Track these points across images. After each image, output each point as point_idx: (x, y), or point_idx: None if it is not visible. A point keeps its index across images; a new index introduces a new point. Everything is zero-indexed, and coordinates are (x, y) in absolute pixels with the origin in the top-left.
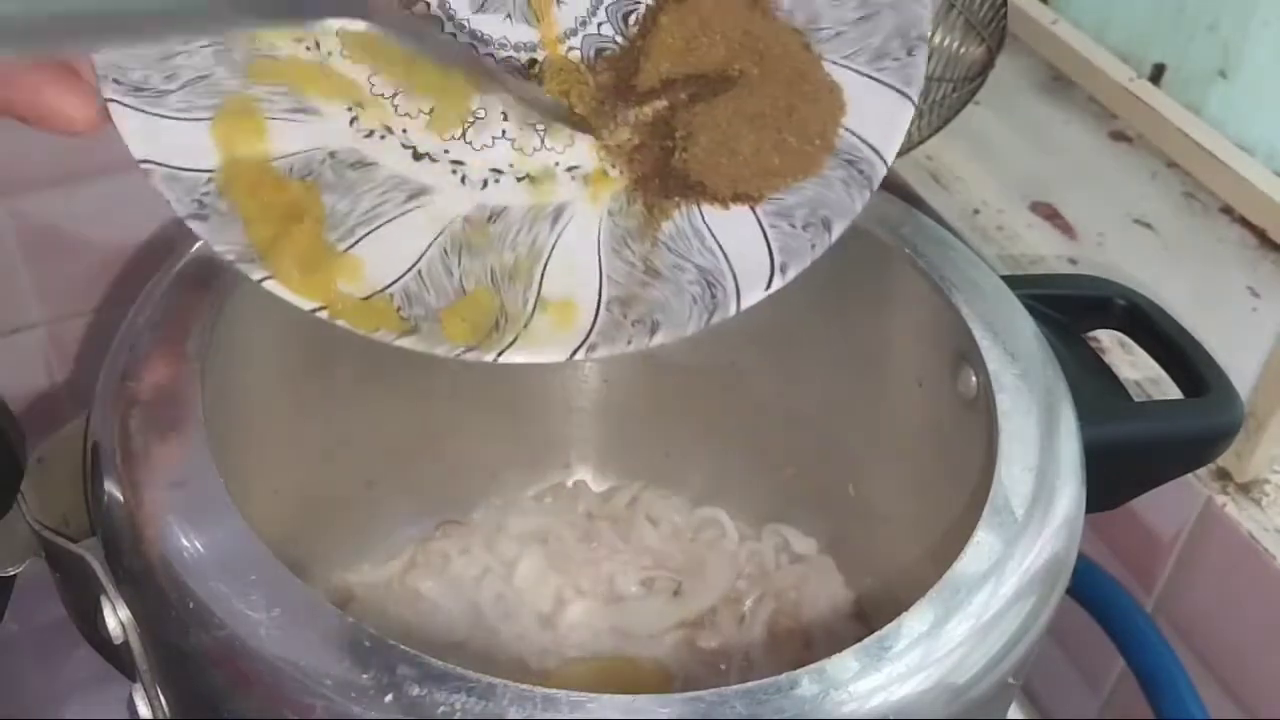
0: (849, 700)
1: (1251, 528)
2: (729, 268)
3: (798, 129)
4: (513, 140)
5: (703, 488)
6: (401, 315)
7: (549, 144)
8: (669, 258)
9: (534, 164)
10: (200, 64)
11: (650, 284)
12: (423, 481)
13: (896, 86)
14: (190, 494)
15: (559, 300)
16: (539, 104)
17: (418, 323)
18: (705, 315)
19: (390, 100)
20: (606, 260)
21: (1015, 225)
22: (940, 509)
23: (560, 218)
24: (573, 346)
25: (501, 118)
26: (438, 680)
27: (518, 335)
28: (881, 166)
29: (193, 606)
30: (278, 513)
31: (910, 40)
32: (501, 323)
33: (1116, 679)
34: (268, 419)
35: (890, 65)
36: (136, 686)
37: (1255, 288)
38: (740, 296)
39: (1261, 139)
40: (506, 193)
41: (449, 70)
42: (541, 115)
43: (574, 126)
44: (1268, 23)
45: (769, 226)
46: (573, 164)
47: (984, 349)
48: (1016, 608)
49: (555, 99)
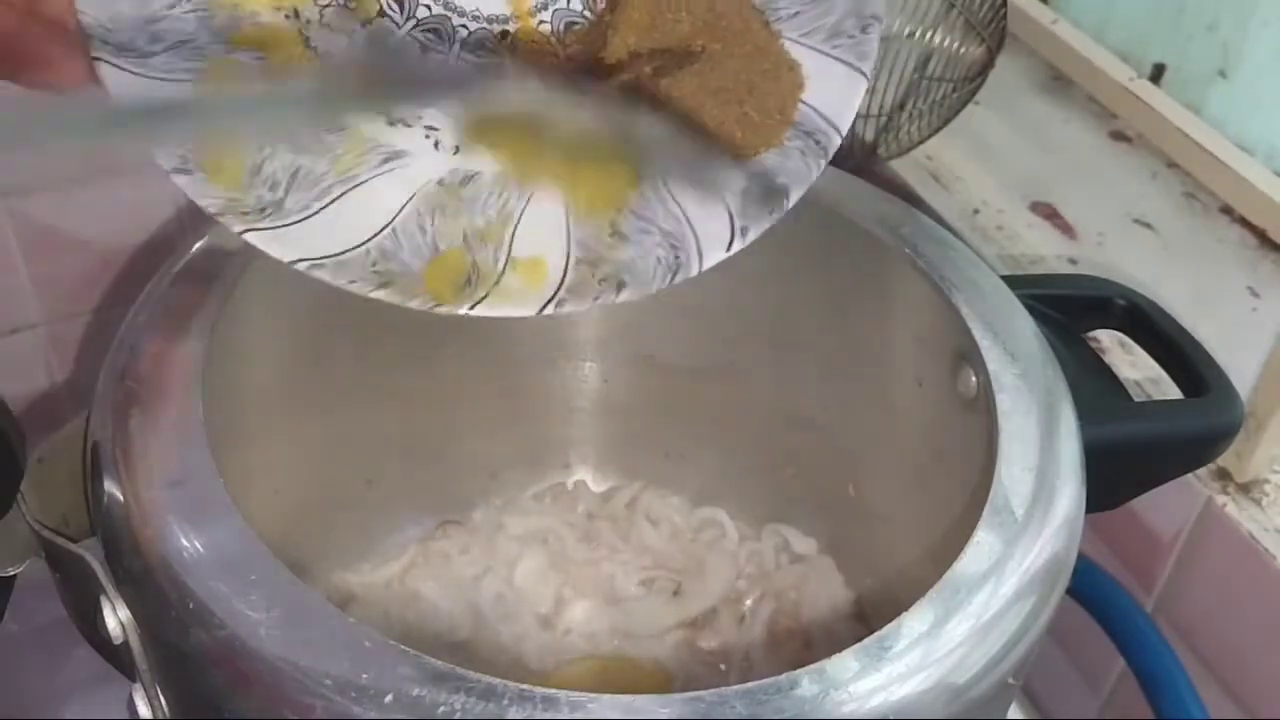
0: (849, 700)
1: (1251, 528)
2: (691, 231)
3: (759, 104)
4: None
5: (703, 488)
6: (375, 269)
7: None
8: (634, 222)
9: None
10: (183, 29)
11: (616, 246)
12: (423, 481)
13: (850, 62)
14: (190, 494)
15: (528, 259)
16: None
17: (392, 277)
18: (669, 275)
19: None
20: (573, 225)
21: (1015, 225)
22: (940, 509)
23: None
24: (542, 301)
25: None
26: (438, 680)
27: (489, 291)
28: (836, 137)
29: (193, 606)
30: (278, 513)
31: (864, 19)
32: (473, 279)
33: (1116, 679)
34: (268, 419)
35: (844, 42)
36: (136, 686)
37: (1255, 288)
38: (703, 257)
39: (1261, 139)
40: (478, 159)
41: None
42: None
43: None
44: (1268, 23)
45: (729, 193)
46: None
47: (984, 349)
48: (1016, 608)
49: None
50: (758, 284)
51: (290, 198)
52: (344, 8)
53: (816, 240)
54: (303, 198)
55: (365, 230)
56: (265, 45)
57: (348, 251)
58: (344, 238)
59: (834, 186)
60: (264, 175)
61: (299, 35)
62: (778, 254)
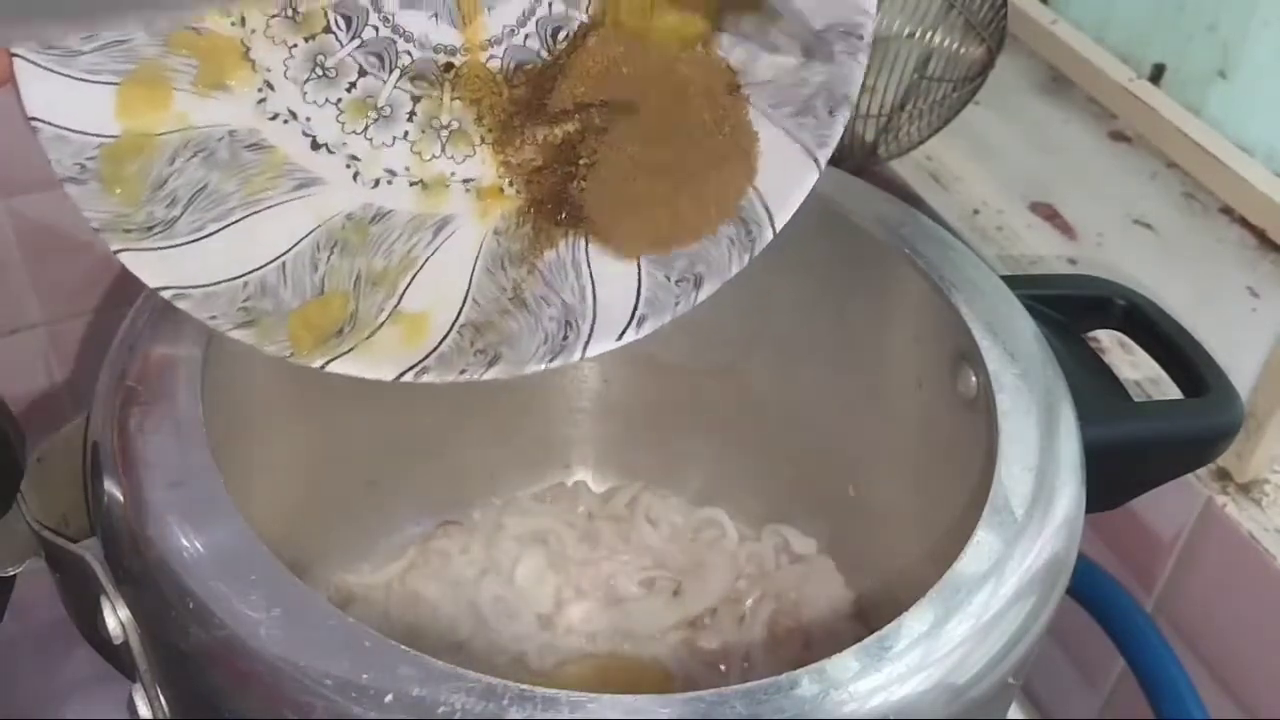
0: (849, 700)
1: (1251, 528)
2: (592, 310)
3: (694, 194)
4: (413, 143)
5: (702, 488)
6: (245, 305)
7: (449, 152)
8: (539, 288)
9: (429, 171)
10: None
11: (511, 313)
12: (423, 481)
13: (808, 146)
14: (190, 494)
15: (415, 313)
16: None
17: (259, 316)
18: (549, 357)
19: (302, 85)
20: (478, 280)
21: (1015, 225)
22: (940, 509)
23: (443, 230)
24: (404, 367)
25: (406, 118)
26: (438, 680)
27: (355, 344)
28: (769, 233)
29: (193, 606)
30: (278, 513)
31: (836, 99)
32: (345, 330)
33: (1116, 679)
34: (268, 419)
35: (809, 122)
36: (136, 686)
37: (1255, 288)
38: (589, 344)
39: (1261, 139)
40: (396, 195)
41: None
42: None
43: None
44: (1268, 23)
45: (645, 274)
46: (469, 176)
47: (984, 349)
48: (1016, 608)
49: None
50: (758, 284)
51: (186, 217)
52: (289, 19)
53: (816, 240)
54: (199, 218)
55: (252, 260)
56: (201, 53)
57: (222, 283)
58: (226, 267)
59: (834, 186)
60: (166, 190)
61: (240, 46)
62: (778, 254)
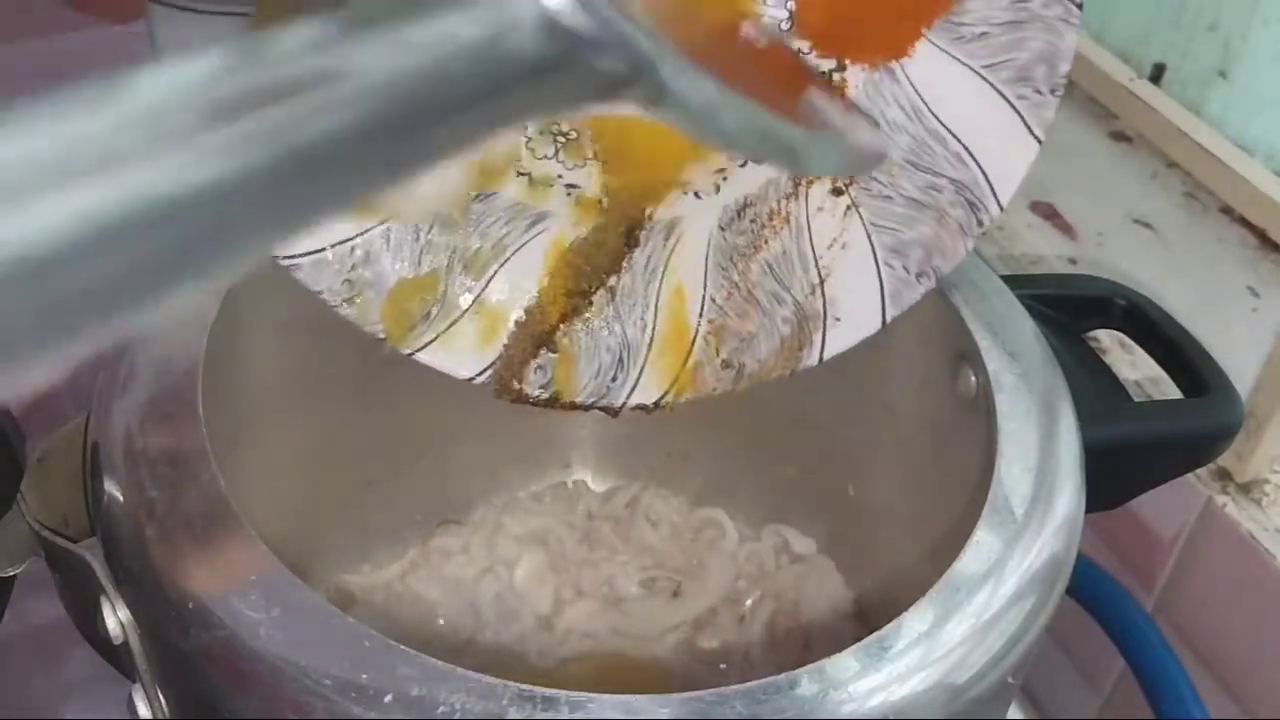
0: (848, 700)
1: (1251, 528)
2: (646, 354)
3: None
4: (529, 139)
5: (702, 488)
6: (350, 277)
7: (561, 158)
8: (610, 313)
9: (538, 168)
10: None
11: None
12: (423, 482)
13: (1028, 122)
14: (190, 494)
15: (494, 308)
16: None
17: (361, 289)
18: (597, 394)
19: None
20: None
21: (1015, 225)
22: (939, 509)
23: (537, 225)
24: (481, 366)
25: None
26: (438, 680)
27: (439, 335)
28: (996, 209)
29: (192, 607)
30: (278, 513)
31: (1055, 77)
32: (434, 312)
33: (1116, 679)
34: (268, 419)
35: (1027, 93)
36: (136, 686)
37: (1255, 288)
38: (631, 395)
39: (1261, 139)
40: (503, 180)
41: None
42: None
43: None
44: (1268, 23)
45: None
46: (574, 183)
47: (983, 349)
48: (1016, 607)
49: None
50: None
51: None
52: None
53: None
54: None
55: (363, 222)
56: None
57: (334, 246)
58: (340, 228)
59: None
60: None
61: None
62: None
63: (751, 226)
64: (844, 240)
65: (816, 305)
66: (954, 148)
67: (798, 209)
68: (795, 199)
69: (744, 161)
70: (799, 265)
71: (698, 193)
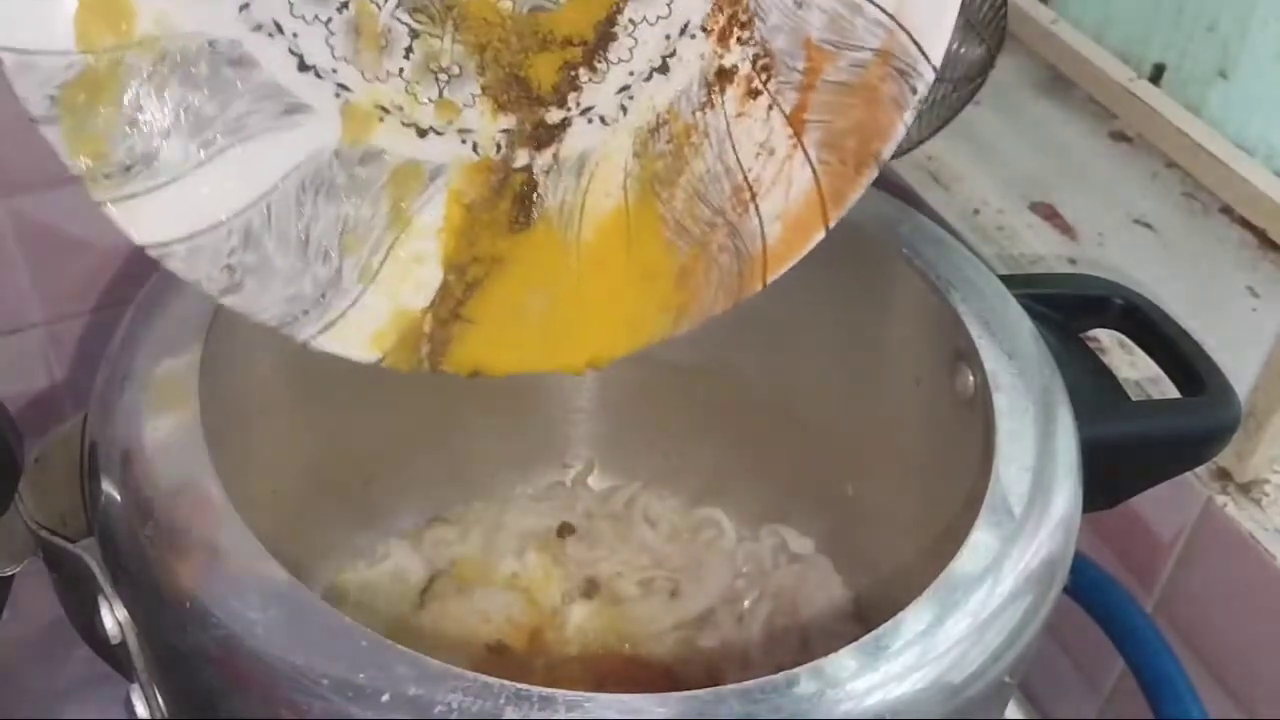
0: (846, 699)
1: (1251, 528)
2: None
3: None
4: (409, 82)
5: (701, 488)
6: (229, 264)
7: (448, 96)
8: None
9: (423, 115)
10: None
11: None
12: (421, 480)
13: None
14: (187, 494)
15: (395, 283)
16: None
17: (244, 276)
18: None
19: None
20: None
21: (1015, 225)
22: (937, 508)
23: (435, 181)
24: (385, 349)
25: (404, 54)
26: (435, 679)
27: (337, 318)
28: (930, 74)
29: (190, 606)
30: (276, 512)
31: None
32: (329, 295)
33: (1116, 679)
34: (267, 419)
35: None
36: (134, 686)
37: (1255, 288)
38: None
39: (1261, 139)
40: (389, 135)
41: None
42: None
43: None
44: (1268, 23)
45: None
46: (466, 127)
47: (981, 348)
48: (1014, 606)
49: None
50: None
51: (166, 149)
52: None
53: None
54: (181, 149)
55: (236, 200)
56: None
57: (207, 231)
58: (211, 209)
59: None
60: (143, 118)
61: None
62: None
63: (669, 148)
64: (770, 144)
65: (752, 223)
66: (872, 14)
67: (715, 119)
68: (711, 108)
69: (647, 73)
70: (726, 182)
71: (604, 118)
